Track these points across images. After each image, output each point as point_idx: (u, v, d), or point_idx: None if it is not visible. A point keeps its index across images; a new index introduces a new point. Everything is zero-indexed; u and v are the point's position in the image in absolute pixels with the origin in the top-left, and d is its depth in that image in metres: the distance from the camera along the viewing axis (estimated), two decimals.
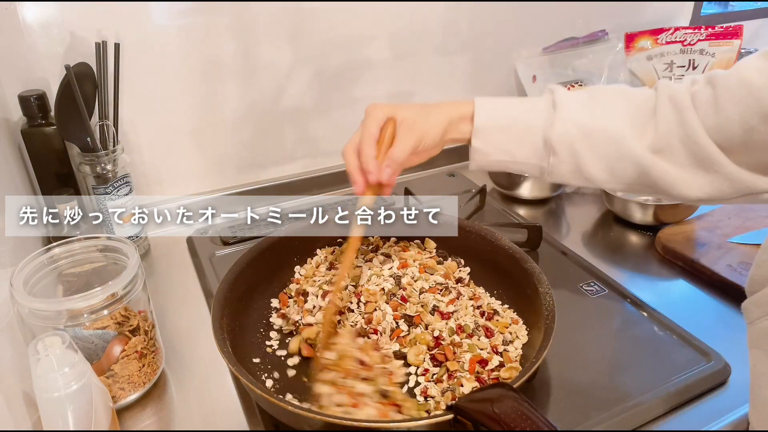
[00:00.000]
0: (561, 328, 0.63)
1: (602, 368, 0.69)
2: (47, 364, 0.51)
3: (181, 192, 1.02)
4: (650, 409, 0.63)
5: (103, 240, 0.66)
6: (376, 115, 0.66)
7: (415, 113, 0.66)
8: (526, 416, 0.48)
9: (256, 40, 0.98)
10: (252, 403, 0.65)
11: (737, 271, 0.81)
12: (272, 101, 1.03)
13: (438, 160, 1.19)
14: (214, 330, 0.63)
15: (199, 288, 0.85)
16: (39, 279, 0.62)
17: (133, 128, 0.94)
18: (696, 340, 0.71)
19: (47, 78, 0.86)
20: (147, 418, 0.64)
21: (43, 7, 0.83)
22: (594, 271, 0.85)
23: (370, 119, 0.66)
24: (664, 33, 1.20)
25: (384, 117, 0.66)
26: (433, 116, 0.66)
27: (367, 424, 0.54)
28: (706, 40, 1.20)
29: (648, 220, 0.95)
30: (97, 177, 0.84)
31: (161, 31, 0.91)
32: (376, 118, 0.66)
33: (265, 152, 1.07)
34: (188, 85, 0.96)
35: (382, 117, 0.66)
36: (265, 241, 0.79)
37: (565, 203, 1.07)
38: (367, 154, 0.64)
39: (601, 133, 0.61)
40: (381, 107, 0.66)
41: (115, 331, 0.62)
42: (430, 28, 1.11)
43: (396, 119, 0.66)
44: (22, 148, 0.86)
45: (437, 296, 0.74)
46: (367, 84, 1.10)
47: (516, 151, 0.66)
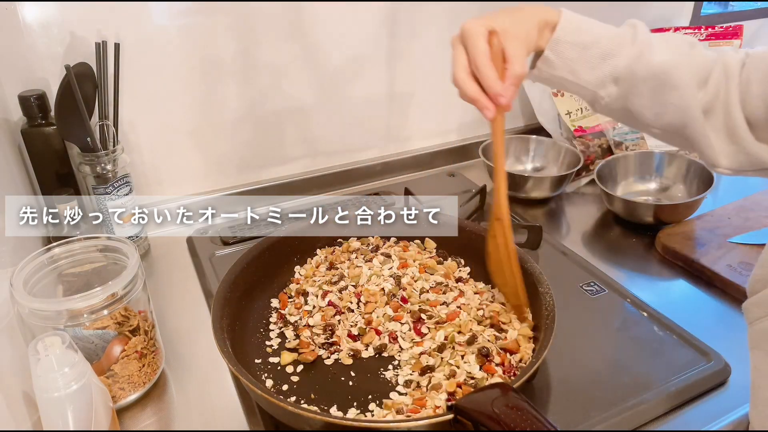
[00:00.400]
0: (561, 328, 0.63)
1: (602, 368, 0.69)
2: (47, 364, 0.51)
3: (181, 192, 1.02)
4: (650, 409, 0.63)
5: (103, 240, 0.66)
6: (479, 30, 0.59)
7: (511, 21, 0.62)
8: (526, 416, 0.48)
9: (256, 40, 0.98)
10: (252, 403, 0.65)
11: (737, 271, 0.81)
12: (272, 101, 1.03)
13: (438, 160, 1.20)
14: (214, 330, 0.63)
15: (199, 288, 0.85)
16: (39, 279, 0.62)
17: (133, 128, 0.94)
18: (696, 340, 0.71)
19: (47, 78, 0.86)
20: (147, 418, 0.64)
21: (43, 7, 0.83)
22: (594, 271, 0.85)
23: (476, 36, 0.59)
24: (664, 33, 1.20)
25: (486, 30, 0.60)
26: (528, 20, 0.62)
27: (367, 425, 0.54)
28: (706, 40, 1.20)
29: (648, 220, 0.95)
30: (97, 177, 0.84)
31: (161, 31, 0.91)
32: (481, 34, 0.59)
33: (265, 152, 1.07)
34: (188, 85, 0.96)
35: (485, 31, 0.60)
36: (265, 241, 0.79)
37: (565, 203, 1.07)
38: (490, 75, 0.59)
39: (667, 76, 0.62)
40: (479, 21, 0.60)
41: (115, 331, 0.62)
42: (430, 28, 1.11)
43: (498, 31, 0.61)
44: (22, 148, 0.86)
45: (440, 296, 0.74)
46: (366, 84, 1.10)
47: (582, 73, 0.64)
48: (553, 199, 1.07)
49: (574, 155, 1.08)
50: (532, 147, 1.16)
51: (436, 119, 1.21)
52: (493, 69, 0.59)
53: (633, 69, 0.62)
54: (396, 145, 1.19)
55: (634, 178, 1.07)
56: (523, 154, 1.16)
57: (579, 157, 1.06)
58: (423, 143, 1.21)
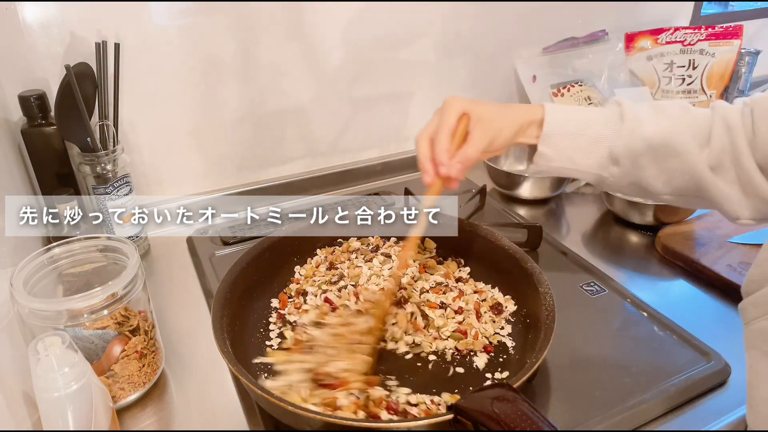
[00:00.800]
0: (561, 328, 0.63)
1: (602, 368, 0.69)
2: (47, 364, 0.51)
3: (181, 192, 1.02)
4: (650, 409, 0.63)
5: (103, 240, 0.66)
6: (455, 107, 0.66)
7: (490, 113, 0.66)
8: (526, 416, 0.48)
9: (256, 40, 0.98)
10: (252, 403, 0.65)
11: (737, 271, 0.81)
12: (272, 101, 1.03)
13: None
14: (214, 330, 0.63)
15: (199, 288, 0.85)
16: (39, 279, 0.62)
17: (133, 128, 0.94)
18: (696, 340, 0.71)
19: (47, 78, 0.86)
20: (147, 418, 0.64)
21: (43, 7, 0.83)
22: (594, 271, 0.85)
23: (449, 111, 0.66)
24: (664, 33, 1.20)
25: (461, 110, 0.66)
26: (505, 118, 0.67)
27: (367, 425, 0.54)
28: (706, 40, 1.20)
29: (648, 220, 0.95)
30: (97, 177, 0.84)
31: (161, 31, 0.91)
32: (455, 110, 0.65)
33: (265, 152, 1.08)
34: (188, 85, 0.96)
35: (460, 110, 0.66)
36: (265, 241, 0.79)
37: (565, 203, 1.07)
38: (442, 145, 0.65)
39: (666, 147, 0.62)
40: (460, 101, 0.66)
41: (115, 331, 0.62)
42: (430, 28, 1.11)
43: (471, 115, 0.66)
44: (22, 148, 0.86)
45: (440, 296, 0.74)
46: (366, 84, 1.10)
47: (580, 159, 0.66)
48: (553, 199, 1.07)
49: None
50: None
51: None
52: (447, 141, 0.64)
53: (629, 147, 0.63)
54: (396, 145, 1.19)
55: None
56: (523, 154, 1.16)
57: None
58: None
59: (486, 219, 1.00)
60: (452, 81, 1.18)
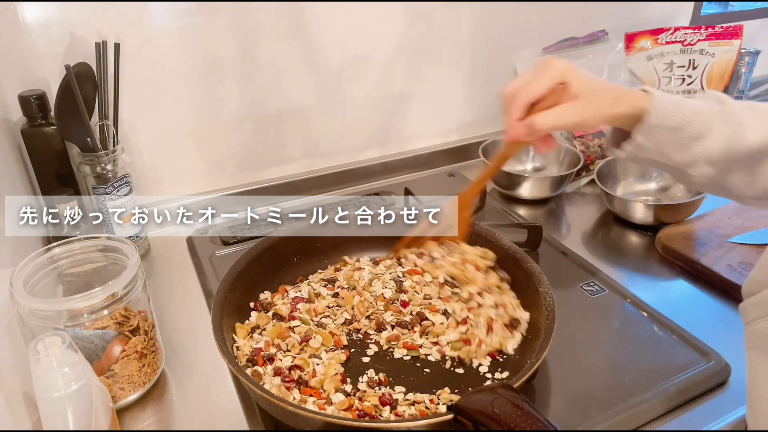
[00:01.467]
0: (561, 328, 0.64)
1: (602, 368, 0.69)
2: (47, 364, 0.51)
3: (181, 192, 1.02)
4: (650, 409, 0.63)
5: (103, 240, 0.66)
6: (553, 72, 0.59)
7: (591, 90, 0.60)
8: (526, 416, 0.48)
9: (256, 40, 0.98)
10: (252, 403, 0.65)
11: (737, 271, 0.81)
12: (272, 101, 1.03)
13: (438, 160, 1.20)
14: (214, 330, 0.63)
15: (199, 288, 0.85)
16: (39, 279, 0.62)
17: (133, 128, 0.94)
18: (696, 340, 0.71)
19: (47, 78, 0.86)
20: (147, 418, 0.64)
21: (43, 7, 0.83)
22: (594, 271, 0.85)
23: (545, 75, 0.59)
24: (664, 33, 1.20)
25: (559, 78, 0.59)
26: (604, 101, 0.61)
27: (367, 425, 0.54)
28: (706, 40, 1.20)
29: (648, 220, 0.95)
30: (97, 177, 0.84)
31: (161, 31, 0.91)
32: (551, 77, 0.59)
33: (265, 152, 1.07)
34: (188, 85, 0.96)
35: (557, 78, 0.59)
36: (265, 241, 0.79)
37: (565, 203, 1.07)
38: (512, 114, 0.60)
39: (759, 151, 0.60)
40: (560, 65, 0.59)
41: (115, 331, 0.62)
42: (430, 28, 1.11)
43: (570, 88, 0.59)
44: (22, 148, 0.86)
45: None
46: (366, 84, 1.10)
47: (674, 155, 0.62)
48: (553, 199, 1.07)
49: (574, 155, 1.08)
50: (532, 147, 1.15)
51: (436, 119, 1.21)
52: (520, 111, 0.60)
53: (729, 150, 0.60)
54: (396, 145, 1.19)
55: (634, 178, 1.07)
56: (524, 154, 1.16)
57: (579, 157, 1.06)
58: (423, 143, 1.21)
59: (486, 219, 1.00)
60: (452, 81, 1.18)
